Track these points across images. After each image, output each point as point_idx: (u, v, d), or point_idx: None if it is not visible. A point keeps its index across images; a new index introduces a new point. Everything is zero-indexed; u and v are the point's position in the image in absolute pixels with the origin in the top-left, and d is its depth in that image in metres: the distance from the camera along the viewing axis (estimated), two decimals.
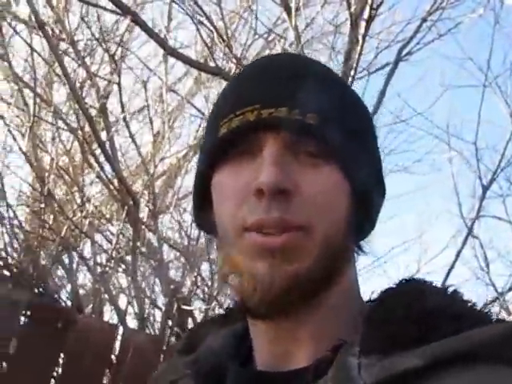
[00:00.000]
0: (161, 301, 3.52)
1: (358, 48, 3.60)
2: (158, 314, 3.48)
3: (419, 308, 0.60)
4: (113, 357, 2.79)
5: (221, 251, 0.68)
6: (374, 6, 3.57)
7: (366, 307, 0.66)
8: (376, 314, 0.62)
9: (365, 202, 0.68)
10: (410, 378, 0.56)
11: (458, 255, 3.97)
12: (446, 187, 5.34)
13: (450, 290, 0.65)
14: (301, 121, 0.64)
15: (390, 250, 4.80)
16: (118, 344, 2.81)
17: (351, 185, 0.66)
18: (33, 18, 2.97)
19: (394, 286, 0.66)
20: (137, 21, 2.91)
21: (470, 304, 0.64)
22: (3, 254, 3.30)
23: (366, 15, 3.57)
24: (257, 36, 4.74)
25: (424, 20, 4.32)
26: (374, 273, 4.86)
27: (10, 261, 3.26)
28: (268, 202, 0.61)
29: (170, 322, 3.27)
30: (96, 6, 3.05)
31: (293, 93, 0.65)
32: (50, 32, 3.28)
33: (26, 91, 3.79)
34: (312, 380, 0.60)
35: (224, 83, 3.79)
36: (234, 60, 3.58)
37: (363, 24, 3.61)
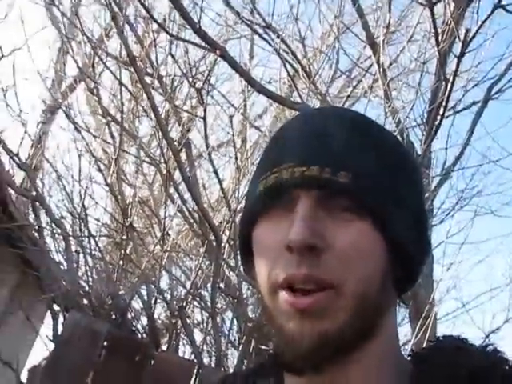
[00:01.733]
0: (237, 339, 3.46)
1: (449, 85, 3.48)
2: (235, 354, 3.40)
3: (467, 367, 0.62)
4: None
5: (261, 302, 0.71)
6: (465, 42, 3.47)
7: (406, 362, 0.67)
8: (422, 371, 0.64)
9: (402, 258, 0.68)
10: None
11: None
12: None
13: (491, 348, 0.66)
14: (332, 179, 0.65)
15: (476, 297, 4.57)
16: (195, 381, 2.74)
17: (386, 241, 0.66)
18: (123, 53, 3.03)
19: (434, 341, 0.68)
20: (225, 56, 2.93)
21: (503, 354, 0.65)
22: (84, 283, 3.34)
23: (457, 52, 3.47)
24: (339, 73, 4.73)
25: None
26: (459, 319, 4.64)
27: (90, 291, 3.29)
28: (298, 258, 0.63)
29: (246, 361, 3.18)
30: (187, 41, 3.10)
31: (325, 151, 0.67)
32: (140, 67, 3.35)
33: (112, 124, 3.89)
34: None
35: None
36: (320, 97, 3.54)
37: (453, 60, 3.50)
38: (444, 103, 3.44)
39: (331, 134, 0.69)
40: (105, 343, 2.68)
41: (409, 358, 0.70)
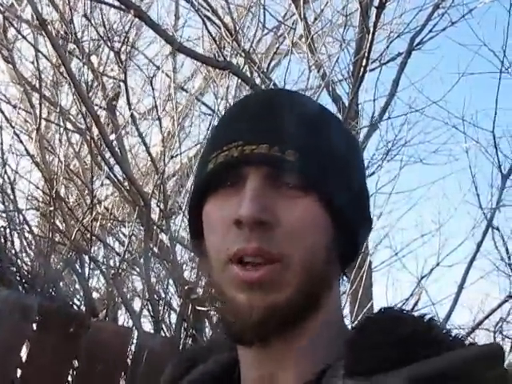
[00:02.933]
0: (175, 302, 3.46)
1: (369, 38, 3.50)
2: (173, 317, 3.41)
3: (398, 334, 0.65)
4: (128, 360, 2.73)
5: (211, 277, 0.73)
6: None
7: (348, 332, 0.70)
8: (358, 339, 0.67)
9: (346, 233, 0.72)
10: None
11: (478, 247, 3.85)
12: (464, 178, 5.24)
13: (427, 317, 0.69)
14: (280, 157, 0.68)
15: (408, 244, 4.71)
16: (132, 347, 2.74)
17: (331, 216, 0.70)
18: (35, 18, 2.91)
19: (374, 314, 0.72)
20: (141, 16, 2.85)
21: (444, 331, 0.68)
22: (14, 259, 3.25)
23: (376, 3, 3.48)
24: (265, 30, 4.68)
25: (436, 7, 4.24)
26: (394, 267, 4.78)
27: (21, 266, 3.21)
28: (248, 233, 0.66)
29: (185, 324, 3.20)
30: (99, 1, 2.99)
31: (273, 130, 0.70)
32: (55, 32, 3.22)
33: (34, 94, 3.75)
34: None
35: (233, 79, 3.72)
36: (243, 54, 3.50)
37: (374, 13, 3.51)
38: (366, 55, 3.46)
39: (278, 114, 0.72)
40: (37, 317, 2.64)
41: (351, 329, 0.72)
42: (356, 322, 0.73)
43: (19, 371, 2.58)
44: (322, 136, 0.73)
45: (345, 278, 0.77)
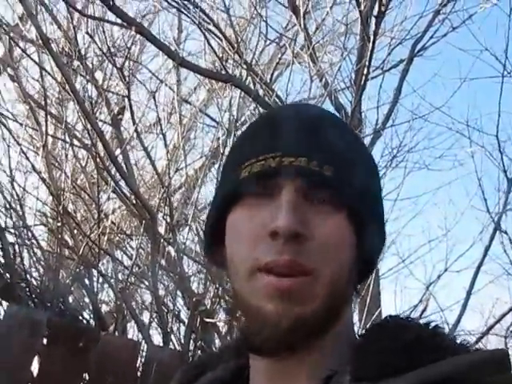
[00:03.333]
0: (184, 314, 3.47)
1: (370, 46, 3.53)
2: (182, 328, 3.42)
3: (403, 340, 0.66)
4: (137, 373, 2.74)
5: (232, 285, 0.73)
6: (384, 1, 3.51)
7: (356, 341, 0.71)
8: (363, 345, 0.68)
9: (368, 251, 0.73)
10: None
11: (486, 251, 3.85)
12: (470, 182, 5.22)
13: (432, 324, 0.70)
14: (318, 172, 0.69)
15: (415, 250, 4.70)
16: (142, 360, 2.75)
17: (357, 235, 0.71)
18: (39, 36, 2.95)
19: (380, 321, 0.73)
20: (143, 32, 2.88)
21: (450, 337, 0.70)
22: (23, 274, 3.28)
23: (376, 12, 3.50)
24: (267, 42, 4.71)
25: (437, 13, 4.25)
26: (401, 274, 4.76)
27: (30, 281, 3.24)
28: (281, 246, 0.66)
29: (193, 336, 3.21)
30: (101, 19, 3.03)
31: (312, 144, 0.71)
32: (59, 50, 3.27)
33: (40, 111, 3.80)
34: None
35: (236, 90, 3.75)
36: (245, 66, 3.53)
37: (374, 20, 3.54)
38: (368, 63, 3.49)
39: (316, 129, 0.73)
40: (46, 332, 2.66)
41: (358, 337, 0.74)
42: (362, 330, 0.74)
43: None
44: (356, 154, 0.76)
45: (356, 293, 0.78)
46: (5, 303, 3.19)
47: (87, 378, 2.69)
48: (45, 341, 2.67)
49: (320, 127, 0.74)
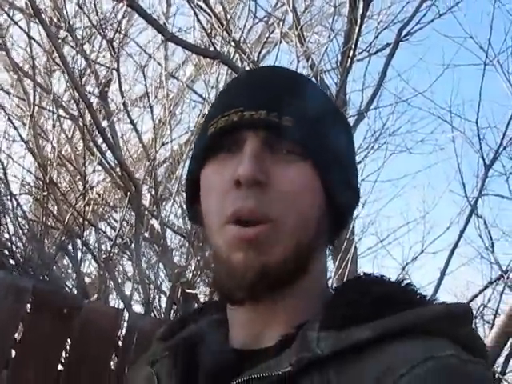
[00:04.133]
0: (165, 286, 3.54)
1: (357, 29, 3.58)
2: (163, 300, 3.50)
3: (372, 293, 0.70)
4: (119, 341, 2.80)
5: (207, 241, 0.76)
6: None
7: (329, 295, 0.74)
8: (335, 298, 0.71)
9: (336, 202, 0.75)
10: (362, 348, 0.64)
11: (461, 234, 3.95)
12: (449, 167, 5.33)
13: (405, 282, 0.74)
14: (277, 122, 0.72)
15: (394, 231, 4.81)
16: (123, 328, 2.81)
17: (324, 184, 0.73)
18: (29, 5, 2.95)
19: (354, 277, 0.76)
20: (133, 6, 2.90)
21: (419, 292, 0.73)
22: (8, 243, 3.31)
23: None
24: (256, 20, 4.73)
25: None
26: (379, 254, 4.88)
27: (14, 250, 3.28)
28: (245, 192, 0.69)
29: (174, 307, 3.28)
30: None
31: (273, 99, 0.74)
32: (48, 20, 3.27)
33: (27, 81, 3.80)
34: (277, 352, 0.68)
35: (223, 67, 3.78)
36: (233, 44, 3.57)
37: (362, 3, 3.59)
38: (354, 45, 3.54)
39: (276, 83, 0.77)
40: (31, 299, 2.71)
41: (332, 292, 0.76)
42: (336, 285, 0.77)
43: (13, 352, 2.65)
44: (319, 107, 0.77)
45: (331, 248, 0.81)
46: None
47: (71, 344, 2.75)
48: (29, 308, 2.73)
49: (284, 83, 0.77)
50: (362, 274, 0.76)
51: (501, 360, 3.42)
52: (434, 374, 0.61)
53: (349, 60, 3.57)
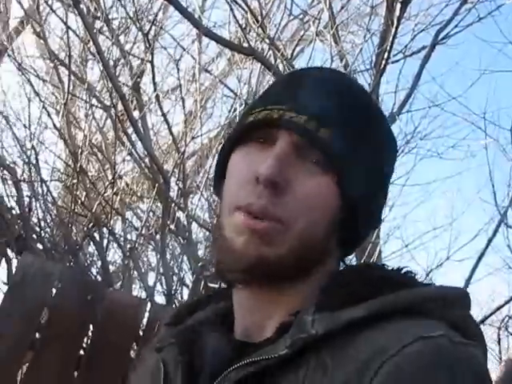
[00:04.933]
0: (188, 278, 3.57)
1: (393, 31, 3.54)
2: (186, 292, 3.52)
3: (366, 276, 0.71)
4: (140, 331, 2.83)
5: (219, 217, 0.78)
6: None
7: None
8: (330, 282, 0.72)
9: (352, 220, 0.75)
10: (355, 327, 0.65)
11: (488, 243, 3.90)
12: (480, 174, 5.26)
13: (404, 269, 0.74)
14: (313, 132, 0.72)
15: (419, 236, 4.77)
16: (145, 318, 2.84)
17: (343, 200, 0.73)
18: None
19: (352, 265, 0.78)
20: (171, 0, 2.91)
21: (416, 276, 0.73)
22: (37, 228, 3.37)
23: None
24: (291, 17, 4.72)
25: (464, 1, 4.23)
26: (403, 258, 4.84)
27: (43, 235, 3.34)
28: (261, 190, 0.70)
29: None
30: None
31: (318, 105, 0.74)
32: (85, 10, 3.31)
33: (62, 69, 3.85)
34: (275, 338, 0.69)
35: (256, 64, 3.79)
36: (268, 41, 3.56)
37: (399, 5, 3.55)
38: (389, 47, 3.51)
39: (327, 90, 0.76)
40: (57, 284, 2.75)
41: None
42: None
43: (38, 335, 2.70)
44: (363, 121, 0.76)
45: (343, 263, 0.80)
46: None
47: (93, 330, 2.79)
48: (54, 292, 2.77)
49: (334, 91, 0.77)
50: (360, 263, 0.76)
51: None
52: (423, 354, 0.62)
53: (383, 61, 3.53)
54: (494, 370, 2.82)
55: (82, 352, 2.80)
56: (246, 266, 0.70)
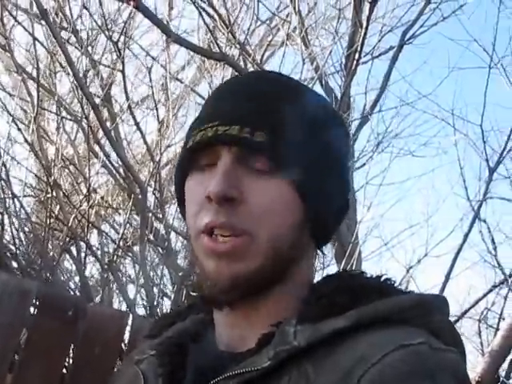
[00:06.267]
0: (169, 289, 3.52)
1: (362, 32, 3.57)
2: (167, 303, 3.48)
3: (346, 285, 0.72)
4: (123, 344, 2.78)
5: (190, 244, 0.79)
6: None
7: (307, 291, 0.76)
8: (311, 293, 0.73)
9: (315, 214, 0.75)
10: (337, 338, 0.66)
11: (465, 238, 3.94)
12: (453, 170, 5.33)
13: (383, 277, 0.75)
14: (249, 138, 0.72)
15: (397, 234, 4.80)
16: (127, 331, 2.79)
17: (301, 197, 0.73)
18: (34, 7, 2.94)
19: (331, 273, 0.78)
20: (139, 7, 2.89)
21: (395, 285, 0.74)
22: (11, 245, 3.30)
23: None
24: (259, 22, 4.73)
25: (428, 2, 4.30)
26: (383, 257, 4.87)
27: (18, 252, 3.26)
28: (216, 208, 0.71)
29: None
30: None
31: (247, 112, 0.74)
32: (52, 21, 3.25)
33: (30, 82, 3.78)
34: (257, 350, 0.69)
35: (228, 69, 3.77)
36: (238, 45, 3.56)
37: (367, 7, 3.58)
38: (359, 48, 3.53)
39: (258, 94, 0.76)
40: (35, 301, 2.69)
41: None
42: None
43: (16, 356, 2.63)
44: (301, 117, 0.75)
45: (320, 254, 0.81)
46: None
47: (75, 347, 2.73)
48: (33, 310, 2.71)
49: (266, 94, 0.76)
50: (339, 271, 0.80)
51: (505, 365, 3.40)
52: (404, 362, 0.63)
53: (353, 63, 3.56)
54: (478, 362, 2.84)
55: (64, 371, 2.74)
56: (223, 290, 0.71)
